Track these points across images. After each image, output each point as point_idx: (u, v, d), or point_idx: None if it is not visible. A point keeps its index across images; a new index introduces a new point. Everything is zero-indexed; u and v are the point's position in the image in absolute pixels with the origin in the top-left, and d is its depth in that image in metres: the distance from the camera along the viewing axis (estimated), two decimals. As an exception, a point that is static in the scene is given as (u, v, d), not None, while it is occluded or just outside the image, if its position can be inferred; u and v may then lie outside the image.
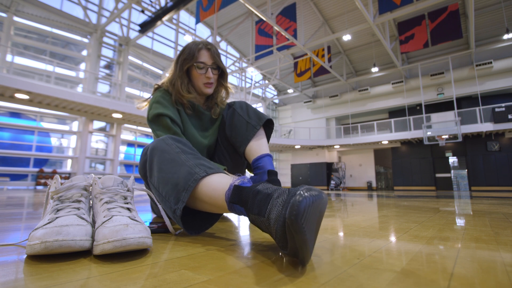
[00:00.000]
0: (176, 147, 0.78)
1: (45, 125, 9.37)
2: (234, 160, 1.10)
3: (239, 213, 0.64)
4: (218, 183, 0.67)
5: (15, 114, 8.69)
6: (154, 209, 1.19)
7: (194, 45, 1.07)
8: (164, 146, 0.78)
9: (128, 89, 11.32)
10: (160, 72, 12.86)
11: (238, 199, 0.59)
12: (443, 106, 12.27)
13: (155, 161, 0.77)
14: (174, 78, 1.07)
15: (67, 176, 8.83)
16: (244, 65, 12.71)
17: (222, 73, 1.16)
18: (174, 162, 0.74)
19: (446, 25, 8.63)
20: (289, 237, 0.46)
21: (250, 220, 0.58)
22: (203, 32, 13.08)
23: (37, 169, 8.67)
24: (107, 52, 10.58)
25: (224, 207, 0.66)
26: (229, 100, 1.27)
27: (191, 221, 0.79)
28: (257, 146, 0.97)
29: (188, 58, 1.06)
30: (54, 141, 9.59)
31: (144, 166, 0.83)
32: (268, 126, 1.07)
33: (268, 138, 1.07)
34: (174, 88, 1.06)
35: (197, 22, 9.52)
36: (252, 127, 0.99)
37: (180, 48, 12.91)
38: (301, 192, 0.45)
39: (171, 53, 12.68)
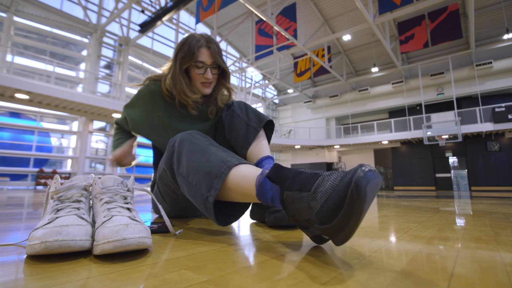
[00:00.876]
0: (204, 140, 0.79)
1: (45, 125, 9.38)
2: None
3: (265, 199, 0.62)
4: (248, 172, 0.67)
5: (15, 114, 8.70)
6: (155, 209, 1.18)
7: (194, 41, 1.01)
8: (192, 138, 0.79)
9: (128, 89, 11.31)
10: (160, 72, 12.85)
11: (277, 176, 0.59)
12: (443, 106, 12.27)
13: (184, 151, 0.77)
14: (176, 78, 1.01)
15: (67, 176, 8.83)
16: (244, 65, 12.71)
17: (223, 72, 1.09)
18: (204, 152, 0.74)
19: (446, 25, 8.63)
20: (347, 205, 0.45)
21: (282, 201, 0.57)
22: (203, 32, 13.07)
23: (37, 169, 8.67)
24: (107, 52, 10.58)
25: (251, 195, 0.65)
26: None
27: (218, 211, 0.78)
28: (258, 149, 0.95)
29: (187, 56, 1.01)
30: (54, 141, 9.60)
31: (171, 157, 0.82)
32: (268, 127, 1.04)
33: (269, 139, 1.04)
34: (176, 88, 1.02)
35: (197, 22, 9.52)
36: (253, 129, 0.96)
37: (180, 48, 12.95)
38: (365, 168, 0.46)
39: (171, 53, 12.67)
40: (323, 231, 0.50)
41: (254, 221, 1.10)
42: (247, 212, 1.28)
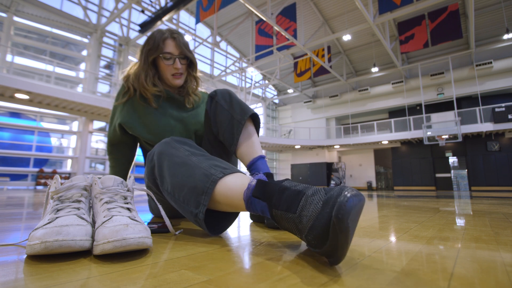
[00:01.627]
0: (184, 150, 0.75)
1: (45, 125, 9.38)
2: (226, 160, 1.02)
3: (256, 212, 0.62)
4: (234, 183, 0.65)
5: (15, 114, 8.70)
6: (154, 209, 1.17)
7: (159, 34, 1.03)
8: (171, 150, 0.76)
9: (128, 89, 11.31)
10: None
11: (262, 194, 0.58)
12: (443, 106, 12.27)
13: (165, 166, 0.74)
14: (139, 71, 1.03)
15: (67, 176, 8.83)
16: (244, 65, 12.71)
17: (190, 63, 1.10)
18: (186, 165, 0.71)
19: (446, 25, 8.63)
20: (332, 236, 0.45)
21: (272, 216, 0.56)
22: (203, 32, 13.08)
23: (37, 169, 8.68)
24: (107, 52, 10.58)
25: (241, 206, 0.64)
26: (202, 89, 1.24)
27: (211, 221, 0.77)
28: (249, 148, 0.87)
29: (153, 48, 1.02)
30: (54, 141, 9.60)
31: (152, 172, 0.80)
32: (255, 120, 0.94)
33: (257, 133, 0.97)
34: (138, 81, 1.03)
35: (197, 22, 9.52)
36: (237, 122, 0.87)
37: (180, 48, 12.96)
38: (347, 193, 0.45)
39: (171, 53, 12.68)
40: (316, 252, 0.50)
41: (253, 221, 1.10)
42: (247, 213, 1.28)
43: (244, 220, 1.16)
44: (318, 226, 0.47)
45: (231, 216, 0.80)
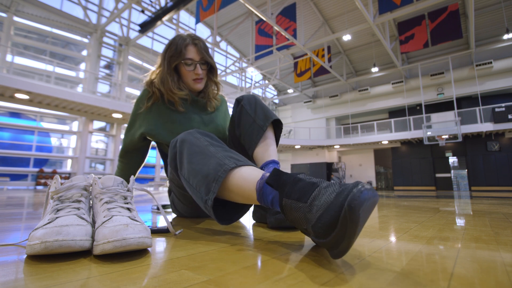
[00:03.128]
0: (204, 140, 0.78)
1: (45, 125, 9.38)
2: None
3: (266, 202, 0.62)
4: (248, 174, 0.67)
5: (15, 114, 8.70)
6: (178, 208, 1.16)
7: (180, 40, 1.06)
8: (192, 139, 0.79)
9: (128, 89, 11.32)
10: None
11: (276, 182, 0.58)
12: (443, 106, 12.28)
13: (184, 153, 0.78)
14: (164, 76, 1.07)
15: (67, 176, 8.83)
16: (244, 65, 12.72)
17: (211, 68, 1.14)
18: (203, 154, 0.74)
19: (446, 25, 8.63)
20: (340, 226, 0.45)
21: (281, 207, 0.57)
22: (203, 32, 13.08)
23: (37, 169, 8.68)
24: (107, 52, 10.58)
25: (252, 198, 0.65)
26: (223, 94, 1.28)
27: (221, 211, 0.78)
28: (264, 152, 0.90)
29: (175, 55, 1.05)
30: (54, 141, 9.60)
31: (174, 158, 0.83)
32: (276, 126, 0.99)
33: (277, 139, 1.00)
34: (164, 86, 1.06)
35: (197, 22, 9.52)
36: (259, 127, 0.92)
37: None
38: (363, 186, 0.45)
39: (171, 53, 12.69)
40: (319, 243, 0.50)
41: (255, 221, 1.11)
42: (249, 213, 1.28)
43: (245, 220, 1.16)
44: (328, 214, 0.47)
45: (242, 209, 0.81)
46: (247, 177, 0.66)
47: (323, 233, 0.48)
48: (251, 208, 1.43)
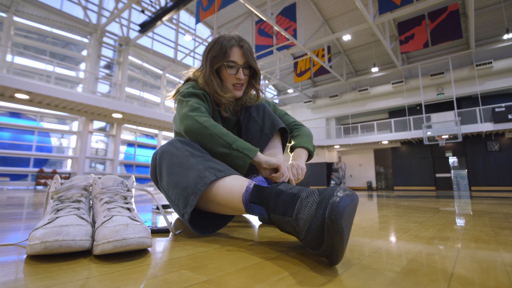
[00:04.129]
0: (185, 150, 0.76)
1: (45, 125, 9.38)
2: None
3: (256, 214, 0.63)
4: (232, 186, 0.66)
5: (15, 114, 8.70)
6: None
7: (226, 41, 0.97)
8: (172, 149, 0.77)
9: (128, 89, 11.32)
10: (160, 72, 12.87)
11: (259, 199, 0.59)
12: (443, 106, 12.28)
13: (164, 165, 0.77)
14: (207, 77, 0.96)
15: (67, 176, 8.83)
16: (244, 65, 12.69)
17: (254, 73, 1.03)
18: (183, 165, 0.73)
19: (446, 25, 8.63)
20: (327, 237, 0.45)
21: (271, 220, 0.57)
22: (203, 32, 13.08)
23: (37, 169, 8.68)
24: (107, 52, 10.58)
25: (240, 209, 0.65)
26: None
27: (203, 221, 0.78)
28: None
29: (218, 56, 0.96)
30: (54, 141, 9.60)
31: (154, 171, 0.83)
32: (283, 135, 0.99)
33: (284, 146, 1.00)
34: (209, 87, 0.96)
35: (197, 22, 9.52)
36: (265, 135, 0.92)
37: (180, 48, 12.98)
38: (339, 193, 0.45)
39: (171, 53, 12.69)
40: (315, 254, 0.51)
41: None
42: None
43: (245, 220, 1.16)
44: (314, 228, 0.48)
45: (225, 218, 0.82)
46: (231, 190, 0.66)
47: (314, 246, 0.49)
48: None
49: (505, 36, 9.40)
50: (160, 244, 0.65)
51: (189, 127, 0.83)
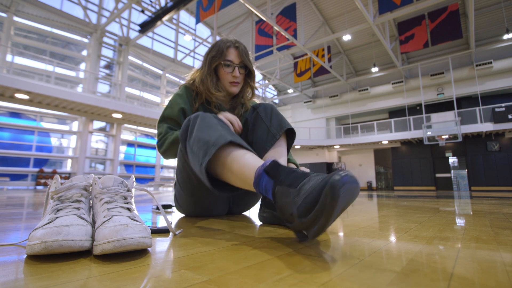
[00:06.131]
0: (216, 120, 0.84)
1: (45, 125, 9.38)
2: None
3: (259, 189, 0.66)
4: (251, 159, 0.71)
5: (15, 114, 8.70)
6: (181, 206, 1.17)
7: (222, 43, 1.10)
8: (206, 116, 0.85)
9: (128, 89, 11.32)
10: (160, 72, 12.87)
11: (273, 171, 0.63)
12: (443, 106, 12.28)
13: (196, 124, 0.84)
14: (204, 76, 1.10)
15: (67, 176, 8.83)
16: (244, 65, 12.69)
17: (249, 73, 1.18)
18: (211, 128, 0.80)
19: (446, 25, 8.63)
20: (320, 204, 0.49)
21: (273, 195, 0.61)
22: (203, 32, 13.08)
23: (37, 169, 8.68)
24: (107, 52, 10.58)
25: (249, 182, 0.68)
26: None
27: (218, 182, 0.82)
28: (274, 156, 0.94)
29: (216, 55, 1.09)
30: (54, 141, 9.60)
31: (186, 130, 0.88)
32: (289, 135, 1.03)
33: (289, 148, 1.04)
34: (203, 85, 1.10)
35: (197, 22, 9.52)
36: (272, 136, 0.96)
37: (180, 48, 12.99)
38: (347, 172, 0.50)
39: (171, 53, 12.69)
40: (301, 225, 0.54)
41: (255, 221, 1.11)
42: (248, 213, 1.28)
43: (245, 220, 1.16)
44: (312, 194, 0.52)
45: (236, 189, 0.84)
46: (249, 162, 0.70)
47: (305, 212, 0.52)
48: (252, 208, 1.43)
49: (505, 36, 9.40)
50: (160, 244, 0.65)
51: (164, 151, 1.07)
